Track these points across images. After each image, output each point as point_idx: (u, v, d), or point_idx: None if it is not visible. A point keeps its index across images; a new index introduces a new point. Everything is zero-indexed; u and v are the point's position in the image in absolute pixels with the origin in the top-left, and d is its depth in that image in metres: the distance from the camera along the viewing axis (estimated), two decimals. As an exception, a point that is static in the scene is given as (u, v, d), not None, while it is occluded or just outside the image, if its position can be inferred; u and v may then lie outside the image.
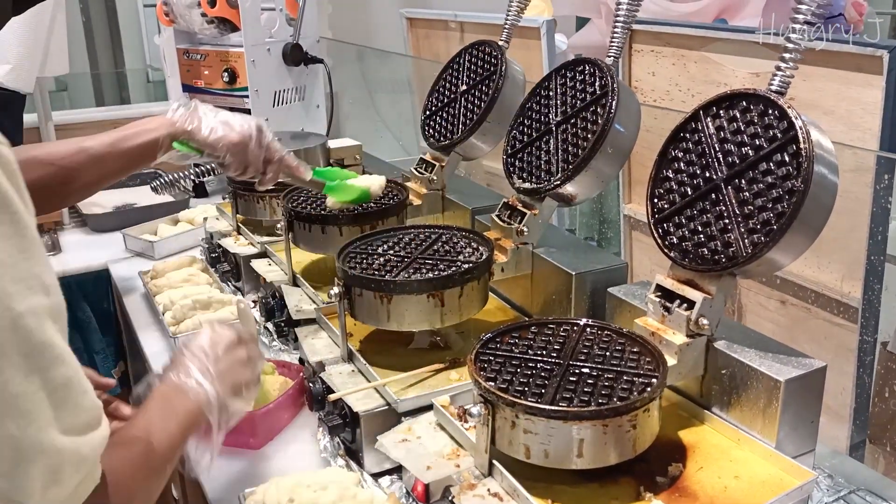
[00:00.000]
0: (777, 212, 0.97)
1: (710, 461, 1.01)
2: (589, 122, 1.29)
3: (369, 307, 1.24)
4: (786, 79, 1.01)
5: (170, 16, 2.38)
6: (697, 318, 1.03)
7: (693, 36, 1.78)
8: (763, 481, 0.96)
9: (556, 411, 0.92)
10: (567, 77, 1.36)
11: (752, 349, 1.03)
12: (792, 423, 0.99)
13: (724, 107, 1.07)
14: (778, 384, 0.97)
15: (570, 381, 0.99)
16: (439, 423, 1.12)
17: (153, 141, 1.24)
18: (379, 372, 1.22)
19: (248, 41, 2.29)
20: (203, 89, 2.42)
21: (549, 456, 0.93)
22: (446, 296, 1.22)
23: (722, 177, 1.05)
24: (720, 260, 1.03)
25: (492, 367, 1.03)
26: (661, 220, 1.12)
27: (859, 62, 1.40)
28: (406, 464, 1.05)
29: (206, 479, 1.20)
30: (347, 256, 1.34)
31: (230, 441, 1.30)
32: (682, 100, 1.84)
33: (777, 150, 0.99)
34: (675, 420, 1.09)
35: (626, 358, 1.04)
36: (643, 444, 0.96)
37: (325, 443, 1.23)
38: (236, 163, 1.30)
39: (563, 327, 1.12)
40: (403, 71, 2.93)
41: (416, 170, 1.74)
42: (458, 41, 2.46)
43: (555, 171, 1.31)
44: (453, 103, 1.68)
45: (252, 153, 1.30)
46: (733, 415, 1.04)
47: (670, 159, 1.12)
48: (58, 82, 3.28)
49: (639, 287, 1.21)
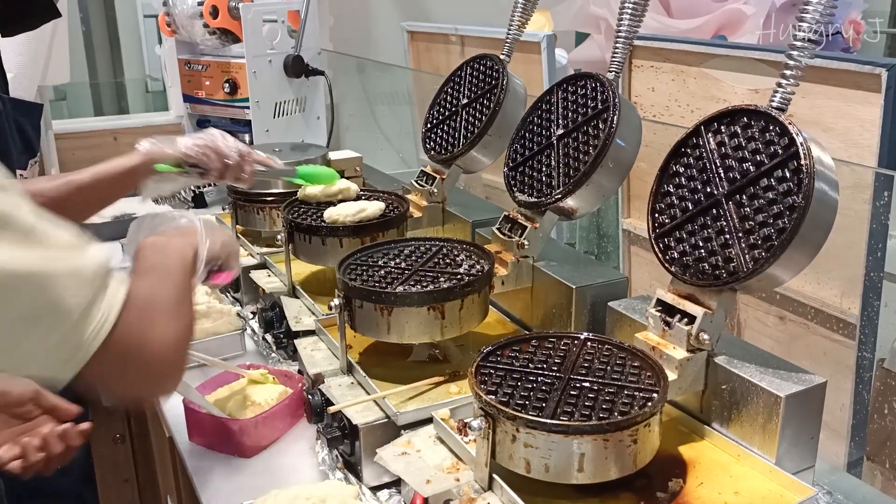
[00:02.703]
0: (778, 227, 0.98)
1: (711, 477, 1.00)
2: (590, 137, 1.29)
3: (369, 319, 1.24)
4: (786, 95, 1.02)
5: (172, 26, 2.39)
6: (698, 333, 1.04)
7: (693, 52, 1.79)
8: (763, 497, 0.96)
9: (556, 425, 0.92)
10: (568, 91, 1.37)
11: (752, 364, 1.04)
12: (792, 439, 0.99)
13: (725, 122, 1.08)
14: (778, 400, 0.97)
15: (571, 395, 0.99)
16: (439, 437, 1.11)
17: (131, 168, 1.38)
18: (378, 384, 1.22)
19: (250, 52, 2.30)
20: (204, 100, 2.43)
21: (549, 470, 0.93)
22: (447, 308, 1.22)
23: (723, 192, 1.05)
24: (721, 275, 1.03)
25: (492, 380, 1.03)
26: (662, 234, 1.12)
27: (858, 80, 1.41)
28: (405, 477, 1.05)
29: (203, 482, 1.20)
30: (348, 268, 1.34)
31: (224, 449, 1.30)
32: (681, 115, 1.85)
33: (778, 165, 0.99)
34: (676, 435, 1.09)
35: (627, 372, 1.04)
36: (644, 459, 0.96)
37: (324, 455, 1.23)
38: (214, 162, 1.43)
39: (563, 341, 1.12)
40: (404, 83, 2.93)
41: (416, 182, 1.74)
42: (458, 55, 2.47)
43: (556, 185, 1.32)
44: (454, 116, 1.68)
45: (225, 148, 1.44)
46: (733, 430, 1.04)
47: (671, 174, 1.13)
48: (57, 91, 3.28)
49: (639, 301, 1.22)
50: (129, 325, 0.79)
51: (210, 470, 1.28)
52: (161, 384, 0.91)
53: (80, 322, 0.74)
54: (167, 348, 0.83)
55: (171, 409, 1.43)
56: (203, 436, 1.34)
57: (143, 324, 0.81)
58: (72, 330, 0.74)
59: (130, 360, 0.80)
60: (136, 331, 0.80)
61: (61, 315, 0.73)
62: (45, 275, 0.72)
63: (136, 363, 0.81)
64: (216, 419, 1.32)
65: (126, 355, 0.79)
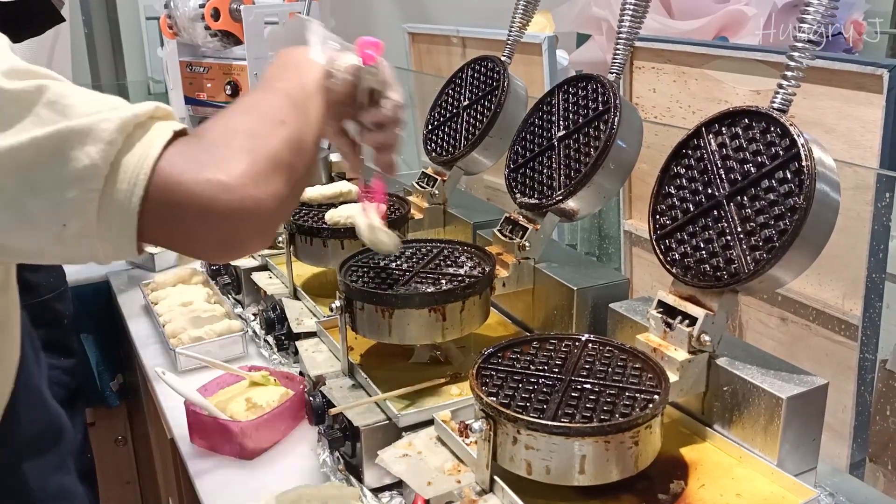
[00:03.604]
0: (779, 229, 0.98)
1: (712, 479, 1.00)
2: (591, 138, 1.29)
3: (370, 321, 1.24)
4: (788, 96, 1.01)
5: (173, 28, 2.39)
6: (699, 335, 1.03)
7: (694, 53, 1.78)
8: (765, 499, 0.96)
9: (558, 427, 0.92)
10: (570, 93, 1.37)
11: (753, 366, 1.03)
12: (794, 441, 0.99)
13: (726, 124, 1.08)
14: (780, 401, 0.97)
15: (573, 396, 0.99)
16: (440, 439, 1.11)
17: None
18: (380, 386, 1.22)
19: (251, 54, 2.29)
20: (206, 102, 2.43)
21: (550, 472, 0.93)
22: (448, 310, 1.22)
23: (724, 193, 1.05)
24: (722, 276, 1.03)
25: (494, 382, 1.03)
26: (664, 236, 1.12)
27: (860, 81, 1.40)
28: (406, 479, 1.05)
29: (204, 484, 1.20)
30: (349, 270, 1.34)
31: (225, 451, 1.31)
32: (682, 116, 1.85)
33: (779, 167, 0.99)
34: (677, 437, 1.08)
35: (628, 374, 1.04)
36: (645, 460, 0.96)
37: (325, 457, 1.23)
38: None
39: (564, 343, 1.12)
40: (405, 85, 2.93)
41: (417, 184, 1.74)
42: (459, 56, 2.47)
43: (557, 187, 1.32)
44: (455, 118, 1.68)
45: None
46: (735, 432, 1.04)
47: (672, 175, 1.13)
48: (59, 94, 3.28)
49: (640, 303, 1.21)
50: (174, 167, 0.67)
51: (211, 472, 1.28)
52: (237, 236, 0.70)
53: (108, 183, 0.66)
54: (236, 187, 0.67)
55: (173, 410, 1.43)
56: (204, 438, 1.34)
57: (197, 163, 0.67)
58: (103, 195, 0.66)
59: (183, 211, 0.67)
60: (184, 172, 0.66)
61: (77, 182, 0.65)
62: (46, 144, 0.66)
63: (190, 213, 0.67)
64: (217, 421, 1.32)
65: (177, 205, 0.66)
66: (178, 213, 0.68)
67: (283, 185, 0.72)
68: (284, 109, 0.79)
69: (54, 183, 0.67)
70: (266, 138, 0.73)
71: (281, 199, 0.72)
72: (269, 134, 0.74)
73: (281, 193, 0.72)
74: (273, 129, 0.75)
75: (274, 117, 0.76)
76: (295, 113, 0.79)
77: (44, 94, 0.68)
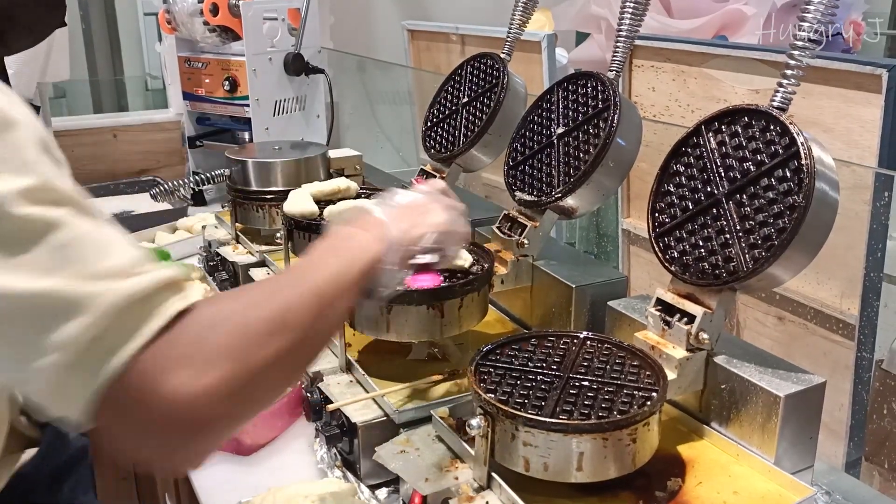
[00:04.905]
0: (778, 227, 0.98)
1: (709, 476, 1.00)
2: (590, 136, 1.29)
3: (368, 317, 1.24)
4: (787, 95, 1.02)
5: (172, 24, 2.38)
6: (697, 333, 1.04)
7: (693, 52, 1.79)
8: (762, 497, 0.96)
9: (556, 424, 0.92)
10: (569, 90, 1.37)
11: (751, 364, 1.03)
12: (791, 439, 0.99)
13: (725, 122, 1.08)
14: (777, 399, 0.97)
15: (571, 393, 0.99)
16: (438, 435, 1.11)
17: None
18: (377, 382, 1.21)
19: (250, 50, 2.29)
20: (204, 98, 2.42)
21: (548, 469, 0.93)
22: (446, 307, 1.22)
23: (723, 191, 1.05)
24: (721, 274, 1.03)
25: (492, 378, 1.03)
26: (662, 234, 1.12)
27: (859, 80, 1.41)
28: (404, 475, 1.05)
29: (201, 480, 1.19)
30: (347, 266, 1.34)
31: (222, 447, 1.30)
32: (681, 115, 1.85)
33: (779, 165, 0.99)
34: (675, 435, 1.08)
35: (627, 371, 1.04)
36: (643, 458, 0.96)
37: (322, 453, 1.22)
38: None
39: (563, 340, 1.12)
40: (404, 82, 2.94)
41: (416, 181, 1.74)
42: (458, 54, 2.47)
43: (556, 184, 1.32)
44: (454, 115, 1.68)
45: None
46: (732, 430, 1.04)
47: (671, 174, 1.13)
48: (56, 89, 3.27)
49: (639, 301, 1.22)
50: (156, 357, 0.62)
51: (208, 467, 1.27)
52: (178, 447, 0.66)
53: (79, 357, 0.62)
54: (198, 395, 0.62)
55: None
56: (201, 433, 1.33)
57: (177, 359, 0.63)
58: (71, 367, 0.62)
59: (138, 405, 0.63)
60: (157, 366, 0.62)
61: (50, 353, 0.61)
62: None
63: (143, 409, 0.63)
64: (215, 417, 1.31)
65: (136, 398, 0.62)
66: (134, 413, 0.64)
67: (254, 406, 0.71)
68: (304, 302, 0.74)
69: (25, 345, 0.62)
70: (261, 347, 0.68)
71: (242, 421, 0.71)
72: (266, 343, 0.69)
73: (245, 416, 0.70)
74: (270, 338, 0.69)
75: (291, 309, 0.72)
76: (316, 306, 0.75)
77: (52, 233, 0.63)
